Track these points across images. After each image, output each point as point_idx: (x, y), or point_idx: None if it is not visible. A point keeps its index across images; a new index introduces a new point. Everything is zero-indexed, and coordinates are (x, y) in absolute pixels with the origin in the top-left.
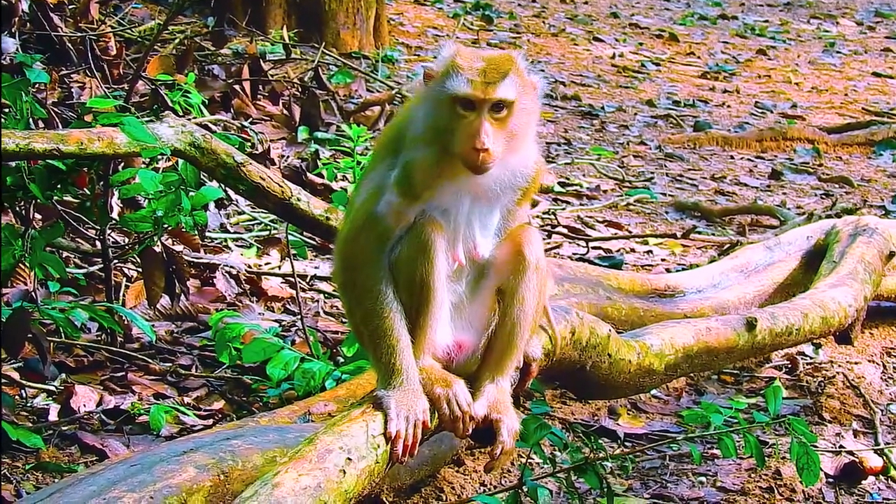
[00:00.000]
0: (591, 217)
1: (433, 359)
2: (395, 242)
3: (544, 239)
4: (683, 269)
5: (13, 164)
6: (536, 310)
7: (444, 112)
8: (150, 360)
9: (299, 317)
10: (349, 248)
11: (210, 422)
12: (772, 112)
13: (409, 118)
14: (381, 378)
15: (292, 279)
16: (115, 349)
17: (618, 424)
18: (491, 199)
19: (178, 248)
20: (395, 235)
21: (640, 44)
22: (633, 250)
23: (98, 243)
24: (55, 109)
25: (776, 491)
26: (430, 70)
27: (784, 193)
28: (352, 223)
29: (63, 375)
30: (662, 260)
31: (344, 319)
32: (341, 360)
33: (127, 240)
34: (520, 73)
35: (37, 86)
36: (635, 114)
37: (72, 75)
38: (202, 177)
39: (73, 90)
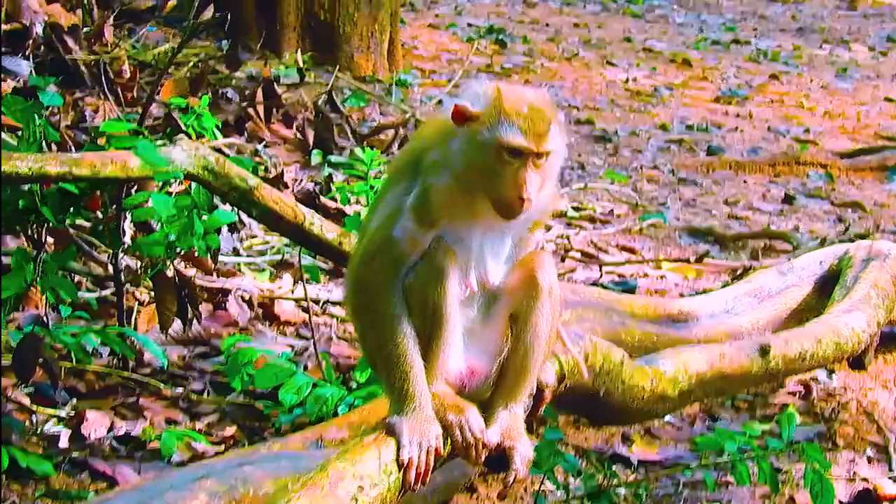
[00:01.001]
0: (604, 241)
1: (446, 385)
2: (408, 268)
3: (557, 263)
4: (697, 294)
5: (25, 186)
6: (550, 335)
7: (488, 157)
8: (161, 386)
9: (312, 342)
10: (363, 271)
11: (222, 448)
12: (785, 137)
13: (426, 145)
14: (393, 404)
15: (305, 304)
16: (126, 374)
17: (631, 451)
18: (504, 230)
19: (191, 272)
20: (409, 261)
21: (654, 68)
22: (646, 275)
23: (110, 267)
24: (68, 132)
25: None
26: (464, 108)
27: (797, 218)
28: (366, 247)
29: (74, 401)
30: (675, 285)
31: (356, 344)
32: (354, 385)
33: (139, 264)
34: (557, 117)
35: (50, 109)
36: (648, 138)
37: (85, 98)
38: (215, 200)
39: (86, 113)
